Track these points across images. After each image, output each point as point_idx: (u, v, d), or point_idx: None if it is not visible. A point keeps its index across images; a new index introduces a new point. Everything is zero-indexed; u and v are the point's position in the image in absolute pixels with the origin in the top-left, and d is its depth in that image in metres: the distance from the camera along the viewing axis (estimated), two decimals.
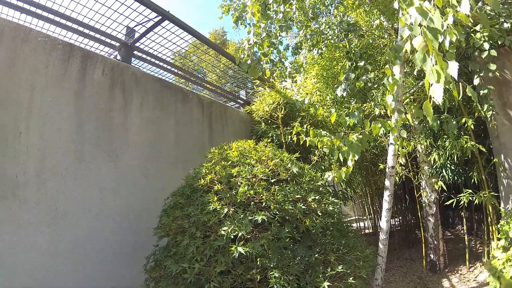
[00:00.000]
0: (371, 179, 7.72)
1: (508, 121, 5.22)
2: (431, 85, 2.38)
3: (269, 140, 4.30)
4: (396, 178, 5.99)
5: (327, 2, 5.99)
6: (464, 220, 6.30)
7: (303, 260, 2.96)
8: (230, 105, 7.34)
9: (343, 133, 4.33)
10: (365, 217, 9.21)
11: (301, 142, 4.51)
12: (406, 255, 6.97)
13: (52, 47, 4.02)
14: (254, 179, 3.21)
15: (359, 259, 3.28)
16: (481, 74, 4.85)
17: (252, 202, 3.07)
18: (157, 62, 6.02)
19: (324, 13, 6.26)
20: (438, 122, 4.67)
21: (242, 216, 2.94)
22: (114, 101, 4.67)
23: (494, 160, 5.18)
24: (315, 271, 2.92)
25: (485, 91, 4.73)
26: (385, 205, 5.00)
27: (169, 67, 6.23)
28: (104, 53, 5.60)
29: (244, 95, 7.74)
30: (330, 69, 6.31)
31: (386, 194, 5.00)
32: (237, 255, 2.74)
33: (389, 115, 4.48)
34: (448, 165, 5.53)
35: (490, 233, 5.27)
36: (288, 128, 6.13)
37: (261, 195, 3.04)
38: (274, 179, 3.29)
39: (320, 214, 3.15)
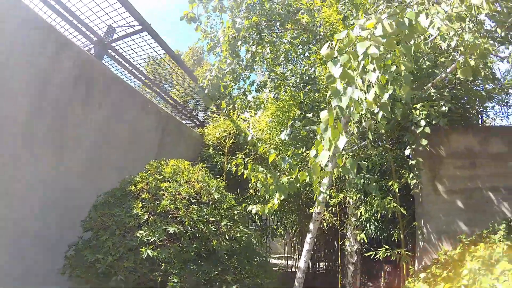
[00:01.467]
0: (305, 220, 8.50)
1: (434, 192, 6.19)
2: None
3: (204, 165, 5.01)
4: (325, 224, 6.86)
5: (299, 52, 6.95)
6: (386, 274, 7.20)
7: (204, 274, 3.70)
8: (186, 123, 8.11)
9: (278, 173, 5.15)
10: (293, 256, 9.93)
11: (239, 173, 5.29)
12: None
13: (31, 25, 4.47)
14: (178, 196, 3.96)
15: (258, 285, 4.05)
16: (413, 146, 5.81)
17: (171, 215, 3.81)
18: (127, 66, 6.74)
19: (295, 59, 7.20)
20: (362, 181, 5.60)
21: (158, 225, 3.67)
22: (76, 94, 5.18)
23: (415, 223, 6.13)
24: (211, 285, 3.66)
25: (414, 161, 5.69)
26: (306, 247, 5.81)
27: (138, 74, 6.98)
28: (80, 44, 6.15)
29: (202, 117, 8.55)
30: (286, 112, 7.18)
31: (309, 236, 5.83)
32: (145, 256, 3.45)
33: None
34: (373, 220, 6.44)
35: None
36: (233, 157, 6.92)
37: (180, 211, 3.79)
38: (195, 200, 4.05)
39: (227, 238, 3.92)
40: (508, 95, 7.48)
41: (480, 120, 7.52)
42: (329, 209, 6.69)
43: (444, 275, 4.40)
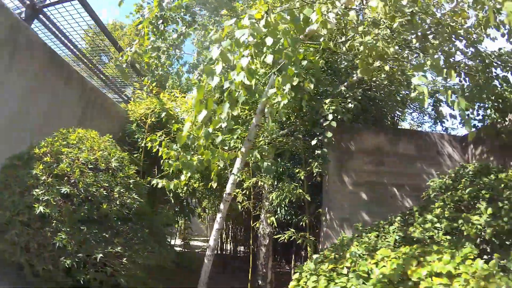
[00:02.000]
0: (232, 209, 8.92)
1: (339, 182, 6.89)
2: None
3: (109, 135, 5.31)
4: (239, 206, 7.42)
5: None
6: (298, 257, 7.87)
7: (93, 235, 4.13)
8: (115, 98, 8.39)
9: (192, 152, 5.60)
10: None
11: (154, 150, 5.69)
12: (240, 279, 8.34)
13: None
14: (77, 161, 4.36)
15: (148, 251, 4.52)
16: (320, 138, 6.43)
17: (67, 178, 4.20)
18: (58, 34, 6.94)
19: None
20: (265, 164, 6.15)
21: (54, 185, 4.07)
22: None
23: (319, 210, 6.79)
24: (96, 244, 4.09)
25: (319, 151, 6.30)
26: (216, 226, 6.33)
27: (68, 44, 7.19)
28: (12, 6, 6.12)
29: (130, 93, 8.84)
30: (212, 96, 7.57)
31: (219, 216, 6.35)
32: (37, 212, 3.84)
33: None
34: (283, 205, 7.04)
35: None
36: (154, 135, 7.24)
37: (75, 174, 4.19)
38: (93, 166, 4.46)
39: (118, 203, 4.36)
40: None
41: (396, 123, 8.34)
42: (244, 191, 7.22)
43: (332, 257, 4.97)
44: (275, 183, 7.00)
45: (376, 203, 6.77)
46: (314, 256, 5.58)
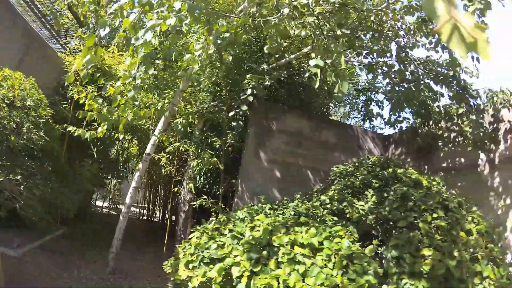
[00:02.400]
0: (157, 170, 9.39)
1: (256, 158, 7.44)
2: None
3: (31, 78, 5.63)
4: (163, 170, 7.95)
5: None
6: None
7: None
8: (57, 48, 8.68)
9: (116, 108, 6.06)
10: (149, 206, 10.83)
11: (81, 102, 6.11)
12: (161, 244, 8.86)
13: None
14: None
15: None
16: (237, 110, 6.87)
17: None
18: None
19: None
20: (179, 127, 6.70)
21: None
22: None
23: (233, 181, 7.41)
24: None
25: (235, 123, 6.84)
26: (133, 184, 6.77)
27: None
28: None
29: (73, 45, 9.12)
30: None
31: (136, 175, 6.79)
32: None
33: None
34: (203, 173, 7.62)
35: None
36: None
37: None
38: (9, 102, 4.95)
39: (25, 138, 4.87)
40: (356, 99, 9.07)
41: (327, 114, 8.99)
42: (168, 156, 7.75)
43: (222, 220, 5.37)
44: (199, 151, 7.53)
45: (289, 182, 7.36)
46: (207, 222, 6.10)
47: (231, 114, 6.58)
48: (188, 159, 7.98)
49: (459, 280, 4.11)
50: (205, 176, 7.69)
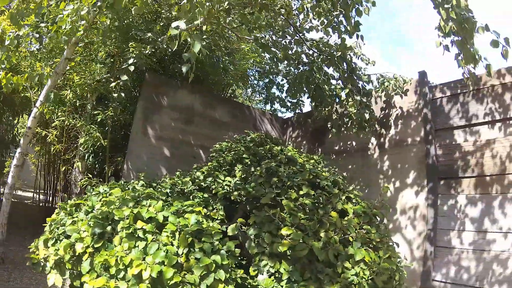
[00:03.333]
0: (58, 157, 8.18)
1: (143, 134, 6.49)
2: None
3: None
4: (52, 148, 6.95)
5: None
6: None
7: None
8: None
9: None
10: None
11: None
12: None
13: None
14: None
15: None
16: (118, 81, 5.87)
17: None
18: None
19: None
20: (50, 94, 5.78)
21: None
22: None
23: (118, 158, 6.58)
24: None
25: (116, 95, 5.94)
26: (14, 161, 5.82)
27: None
28: None
29: None
30: None
31: (18, 151, 5.84)
32: None
33: None
34: (91, 151, 6.71)
35: None
36: None
37: None
38: None
39: None
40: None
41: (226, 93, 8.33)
42: (56, 132, 6.76)
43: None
44: (87, 127, 6.59)
45: (178, 160, 6.60)
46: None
47: (112, 84, 5.71)
48: (79, 136, 7.04)
49: (326, 264, 3.55)
50: (93, 155, 6.79)
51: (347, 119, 6.17)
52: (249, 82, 8.73)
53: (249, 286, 3.61)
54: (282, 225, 3.63)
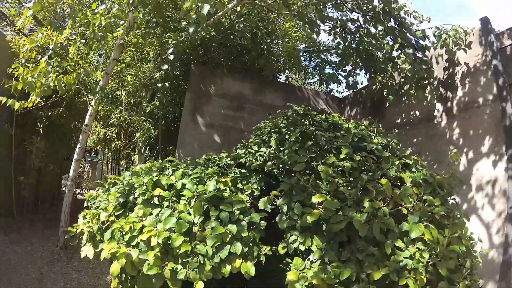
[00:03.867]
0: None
1: (193, 123, 6.36)
2: None
3: None
4: (113, 145, 7.05)
5: None
6: None
7: None
8: None
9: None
10: None
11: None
12: None
13: None
14: None
15: None
16: (162, 72, 5.72)
17: None
18: None
19: None
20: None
21: None
22: None
23: (171, 147, 6.41)
24: None
25: (160, 85, 5.77)
26: (75, 156, 6.03)
27: None
28: None
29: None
30: None
31: (77, 147, 6.04)
32: None
33: None
34: (147, 144, 6.66)
35: None
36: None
37: None
38: None
39: None
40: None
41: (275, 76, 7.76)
42: (114, 129, 6.84)
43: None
44: (142, 122, 6.58)
45: (228, 147, 6.09)
46: None
47: (156, 75, 5.56)
48: (135, 132, 7.06)
49: (370, 242, 2.75)
50: (149, 147, 6.74)
51: (403, 79, 5.24)
52: (301, 63, 8.04)
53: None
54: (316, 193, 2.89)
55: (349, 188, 2.99)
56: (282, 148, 3.67)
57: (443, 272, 2.61)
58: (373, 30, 5.41)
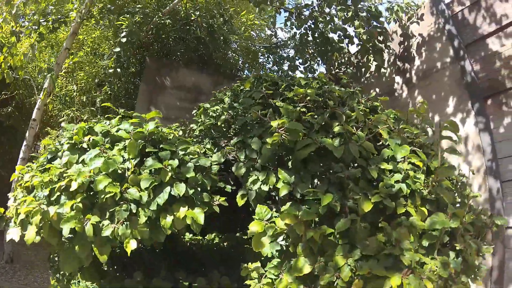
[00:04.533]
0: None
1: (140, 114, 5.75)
2: None
3: None
4: None
5: None
6: None
7: None
8: None
9: None
10: None
11: None
12: None
13: None
14: None
15: None
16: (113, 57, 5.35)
17: None
18: None
19: None
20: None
21: None
22: None
23: None
24: None
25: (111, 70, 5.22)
26: (21, 155, 5.29)
27: None
28: None
29: None
30: None
31: (24, 144, 5.30)
32: None
33: None
34: None
35: None
36: None
37: None
38: None
39: None
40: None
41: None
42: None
43: None
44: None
45: None
46: None
47: (105, 62, 4.99)
48: None
49: (348, 166, 2.25)
50: None
51: (359, 47, 4.91)
52: (259, 59, 7.65)
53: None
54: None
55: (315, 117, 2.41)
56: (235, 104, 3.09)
57: (447, 198, 2.07)
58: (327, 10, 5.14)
